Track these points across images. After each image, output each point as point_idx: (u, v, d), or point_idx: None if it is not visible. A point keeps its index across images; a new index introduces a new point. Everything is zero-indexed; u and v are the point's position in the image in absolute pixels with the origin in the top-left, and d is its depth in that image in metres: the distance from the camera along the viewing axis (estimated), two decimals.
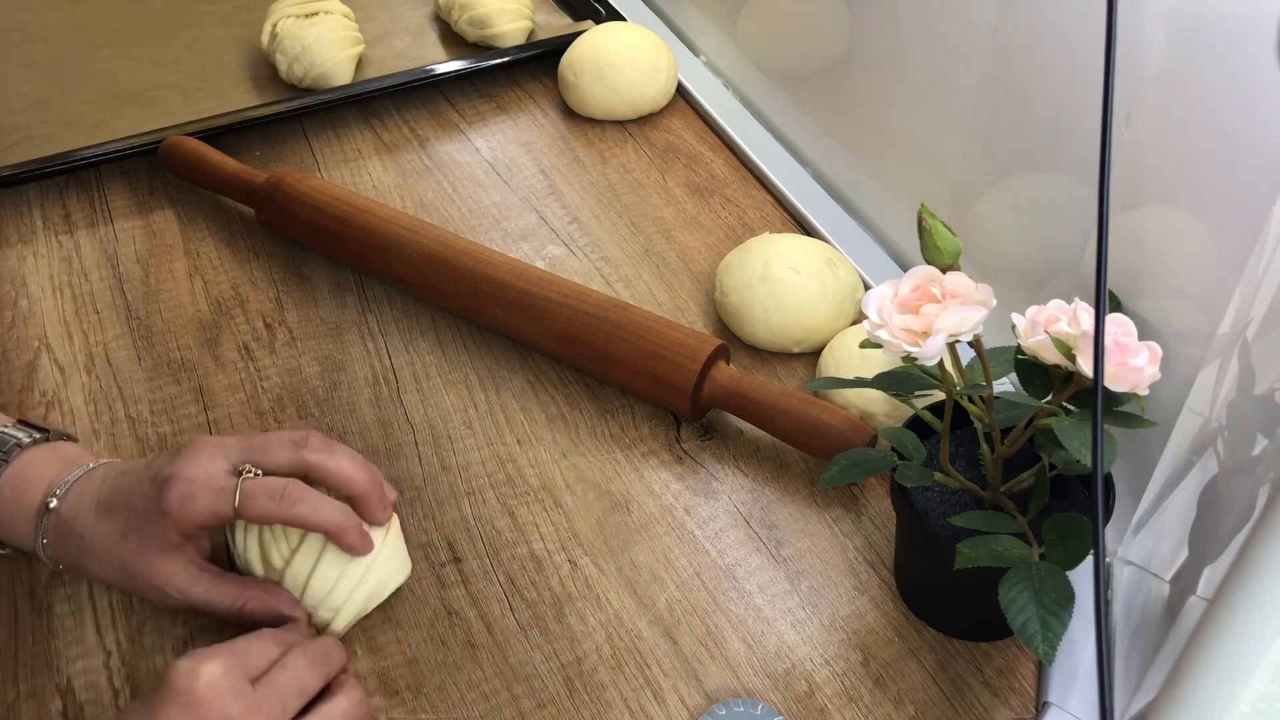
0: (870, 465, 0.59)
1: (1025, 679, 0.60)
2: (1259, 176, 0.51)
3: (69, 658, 0.61)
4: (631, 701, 0.59)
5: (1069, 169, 0.65)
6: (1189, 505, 0.58)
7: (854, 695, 0.60)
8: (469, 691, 0.60)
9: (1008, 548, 0.53)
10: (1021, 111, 0.67)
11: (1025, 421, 0.55)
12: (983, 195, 0.73)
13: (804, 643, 0.62)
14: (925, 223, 0.51)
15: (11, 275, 0.83)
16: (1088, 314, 0.50)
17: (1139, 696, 0.53)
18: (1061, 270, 0.67)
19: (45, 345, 0.78)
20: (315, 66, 0.96)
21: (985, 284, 0.51)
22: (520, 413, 0.74)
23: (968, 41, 0.70)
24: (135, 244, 0.86)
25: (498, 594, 0.64)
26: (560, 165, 0.93)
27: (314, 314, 0.81)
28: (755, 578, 0.65)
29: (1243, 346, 0.54)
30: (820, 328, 0.75)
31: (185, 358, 0.77)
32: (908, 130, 0.79)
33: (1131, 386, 0.50)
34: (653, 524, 0.68)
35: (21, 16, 1.05)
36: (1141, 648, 0.57)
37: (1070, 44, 0.62)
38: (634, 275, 0.83)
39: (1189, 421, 0.58)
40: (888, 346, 0.50)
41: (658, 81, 0.96)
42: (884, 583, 0.65)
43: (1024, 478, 0.57)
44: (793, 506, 0.69)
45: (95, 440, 0.72)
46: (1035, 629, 0.49)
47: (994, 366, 0.55)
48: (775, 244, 0.77)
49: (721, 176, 0.92)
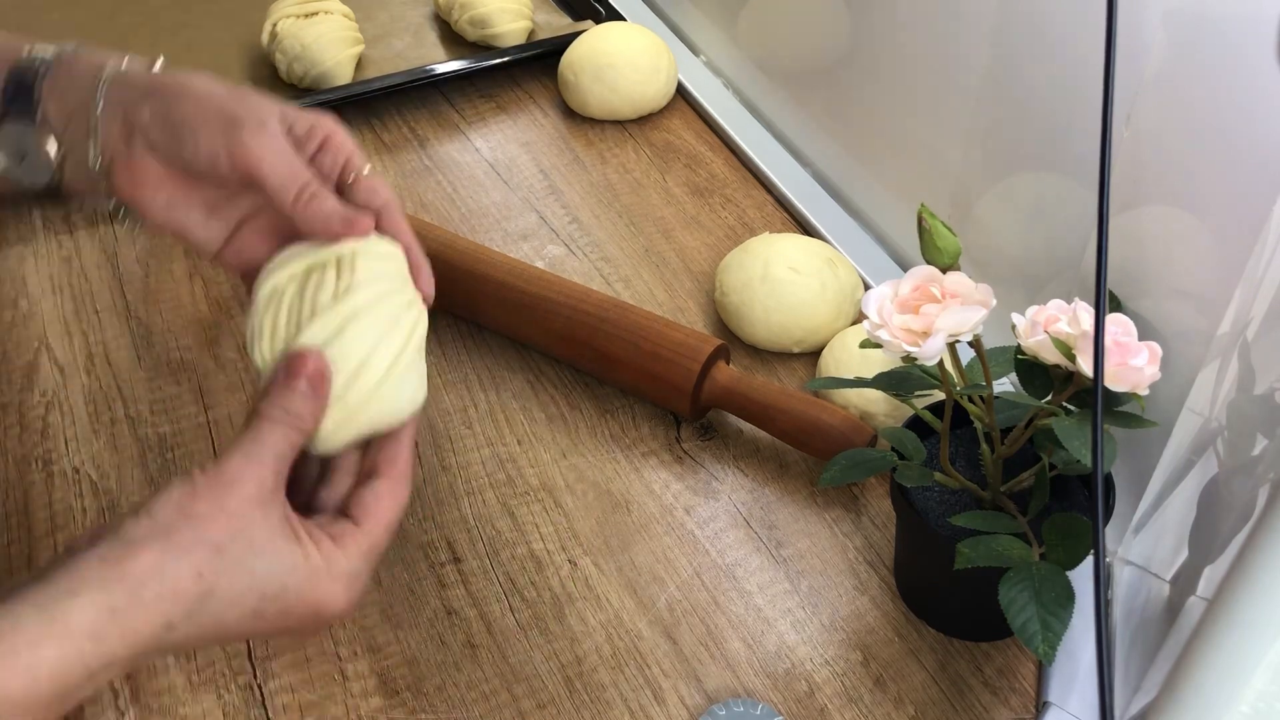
0: (870, 465, 0.59)
1: (1025, 679, 0.60)
2: (1259, 176, 0.51)
3: None
4: (631, 702, 0.59)
5: (1069, 169, 0.65)
6: (1189, 505, 0.58)
7: (854, 695, 0.60)
8: (469, 691, 0.60)
9: (1008, 548, 0.53)
10: (1021, 111, 0.67)
11: (1025, 421, 0.55)
12: (983, 195, 0.73)
13: (804, 643, 0.62)
14: (925, 222, 0.51)
15: (11, 275, 0.83)
16: (1088, 314, 0.50)
17: (1139, 696, 0.53)
18: (1061, 270, 0.67)
19: (45, 345, 0.78)
20: (315, 66, 0.96)
21: (985, 284, 0.51)
22: (520, 413, 0.74)
23: (968, 41, 0.70)
24: (135, 244, 0.86)
25: (498, 594, 0.64)
26: (560, 165, 0.93)
27: None
28: (755, 578, 0.65)
29: (1243, 346, 0.54)
30: (820, 328, 0.75)
31: (185, 358, 0.77)
32: (908, 130, 0.79)
33: (1131, 386, 0.50)
34: (653, 524, 0.68)
35: (22, 16, 1.05)
36: (1141, 648, 0.57)
37: (1070, 44, 0.62)
38: (634, 275, 0.83)
39: (1189, 421, 0.58)
40: (888, 346, 0.50)
41: (658, 81, 0.96)
42: (884, 583, 0.65)
43: (1024, 478, 0.57)
44: (793, 506, 0.68)
45: (95, 440, 0.72)
46: (1035, 629, 0.49)
47: (994, 366, 0.55)
48: (775, 244, 0.77)
49: (721, 176, 0.92)
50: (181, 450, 0.71)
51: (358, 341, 0.48)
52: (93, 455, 0.71)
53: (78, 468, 0.70)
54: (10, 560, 0.65)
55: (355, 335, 0.48)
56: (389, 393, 0.49)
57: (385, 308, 0.50)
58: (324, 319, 0.48)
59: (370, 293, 0.49)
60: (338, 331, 0.48)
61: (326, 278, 0.49)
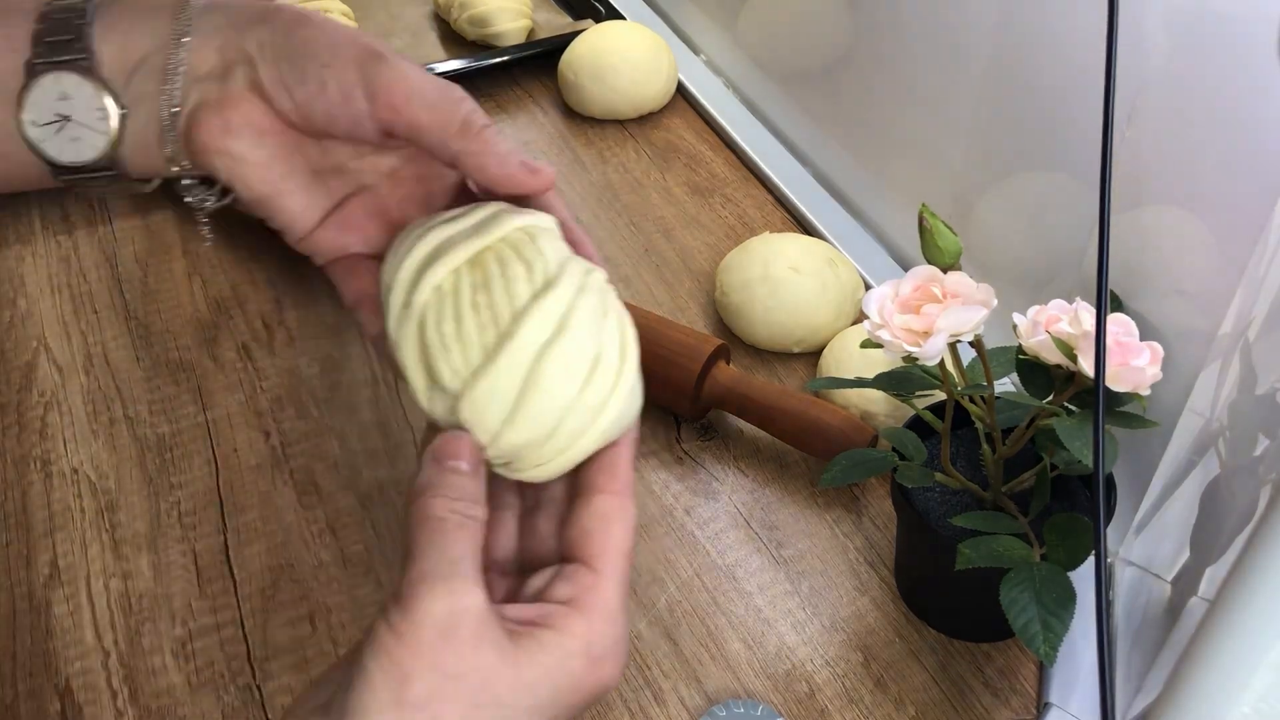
0: (871, 466, 0.59)
1: (1026, 680, 0.60)
2: (1260, 176, 0.51)
3: (67, 658, 0.61)
4: (631, 702, 0.59)
5: (1070, 169, 0.65)
6: (1190, 506, 0.57)
7: (855, 696, 0.60)
8: None
9: (1009, 548, 0.53)
10: (1023, 111, 0.67)
11: (1026, 422, 0.55)
12: (984, 195, 0.73)
13: (804, 644, 0.62)
14: (926, 222, 0.51)
15: (10, 275, 0.83)
16: (1089, 314, 0.50)
17: (1140, 697, 0.53)
18: (1062, 270, 0.67)
19: (44, 345, 0.78)
20: None
21: (986, 284, 0.51)
22: None
23: (969, 41, 0.70)
24: (134, 244, 0.86)
25: None
26: (560, 165, 0.93)
27: (313, 314, 0.81)
28: (755, 578, 0.65)
29: (1244, 346, 0.54)
30: (821, 328, 0.75)
31: (184, 358, 0.77)
32: (908, 129, 0.79)
33: (1133, 387, 0.50)
34: (653, 524, 0.67)
35: None
36: (1143, 649, 0.57)
37: (1071, 44, 0.62)
38: (634, 275, 0.83)
39: (1190, 422, 0.58)
40: (889, 346, 0.50)
41: (658, 81, 0.96)
42: (885, 583, 0.65)
43: (1025, 478, 0.57)
44: (793, 507, 0.68)
45: (94, 440, 0.72)
46: (1036, 630, 0.49)
47: (995, 366, 0.55)
48: (775, 244, 0.77)
49: (722, 176, 0.92)
50: (180, 450, 0.71)
51: (586, 336, 0.39)
52: (91, 455, 0.71)
53: (76, 468, 0.70)
54: (9, 560, 0.65)
55: (579, 331, 0.39)
56: (624, 395, 0.40)
57: (593, 295, 0.40)
58: (536, 318, 0.38)
59: (573, 278, 0.40)
60: (557, 332, 0.38)
61: (510, 265, 0.39)
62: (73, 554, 0.66)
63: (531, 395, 0.38)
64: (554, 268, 0.40)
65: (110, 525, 0.67)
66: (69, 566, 0.65)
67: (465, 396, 0.38)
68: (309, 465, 0.71)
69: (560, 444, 0.39)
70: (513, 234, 0.40)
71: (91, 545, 0.66)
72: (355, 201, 0.45)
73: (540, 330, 0.38)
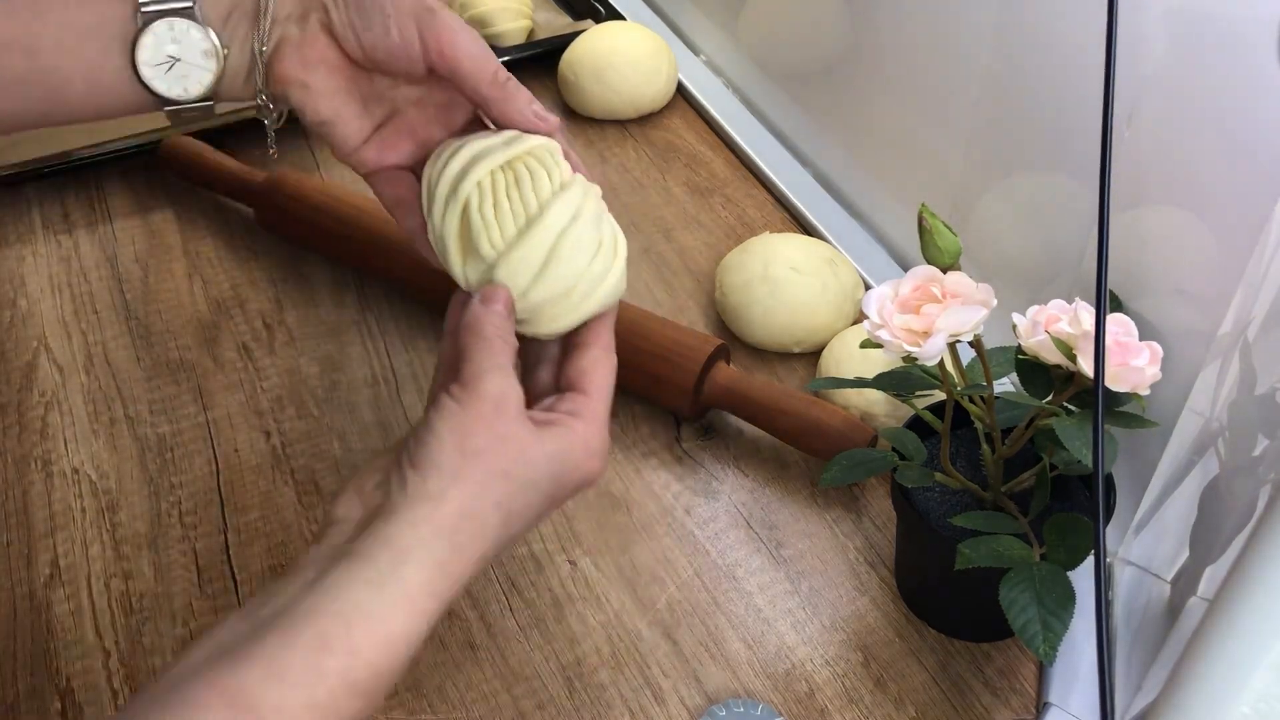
0: (871, 465, 0.59)
1: (1026, 679, 0.60)
2: (1260, 175, 0.51)
3: (68, 658, 0.61)
4: (631, 702, 0.59)
5: (1069, 169, 0.65)
6: (1190, 506, 0.58)
7: (855, 696, 0.60)
8: (469, 692, 0.60)
9: (1008, 548, 0.53)
10: (1022, 111, 0.67)
11: (1026, 422, 0.55)
12: (983, 195, 0.73)
13: (804, 643, 0.62)
14: (926, 222, 0.51)
15: (10, 275, 0.83)
16: (1088, 314, 0.50)
17: (1140, 697, 0.53)
18: (1062, 270, 0.67)
19: (44, 345, 0.78)
20: None
21: (986, 284, 0.51)
22: None
23: (969, 41, 0.70)
24: (134, 244, 0.86)
25: (497, 594, 0.64)
26: None
27: (313, 314, 0.81)
28: (755, 578, 0.65)
29: (1244, 346, 0.54)
30: (821, 328, 0.75)
31: (184, 358, 0.77)
32: (908, 130, 0.79)
33: (1132, 386, 0.50)
34: (653, 524, 0.67)
35: None
36: (1142, 648, 0.57)
37: (1071, 44, 0.62)
38: (634, 275, 0.83)
39: (1190, 422, 0.58)
40: (888, 346, 0.50)
41: (658, 81, 0.96)
42: (884, 583, 0.65)
43: (1025, 478, 0.57)
44: (793, 507, 0.68)
45: (94, 440, 0.72)
46: (1036, 629, 0.49)
47: (995, 366, 0.55)
48: (775, 244, 0.77)
49: (721, 176, 0.92)
50: (181, 450, 0.71)
51: (591, 226, 0.51)
52: (92, 455, 0.71)
53: (77, 468, 0.70)
54: (10, 560, 0.65)
55: (588, 221, 0.51)
56: (617, 273, 0.52)
57: (594, 196, 0.52)
58: (557, 208, 0.50)
59: (581, 184, 0.52)
60: (572, 220, 0.50)
61: (537, 170, 0.51)
62: (73, 554, 0.66)
63: (553, 264, 0.50)
64: (568, 175, 0.52)
65: (111, 525, 0.67)
66: (70, 566, 0.65)
67: (502, 262, 0.49)
68: (309, 465, 0.71)
69: (573, 301, 0.50)
70: (536, 149, 0.52)
71: (92, 545, 0.66)
72: (391, 124, 0.54)
73: (561, 217, 0.50)
